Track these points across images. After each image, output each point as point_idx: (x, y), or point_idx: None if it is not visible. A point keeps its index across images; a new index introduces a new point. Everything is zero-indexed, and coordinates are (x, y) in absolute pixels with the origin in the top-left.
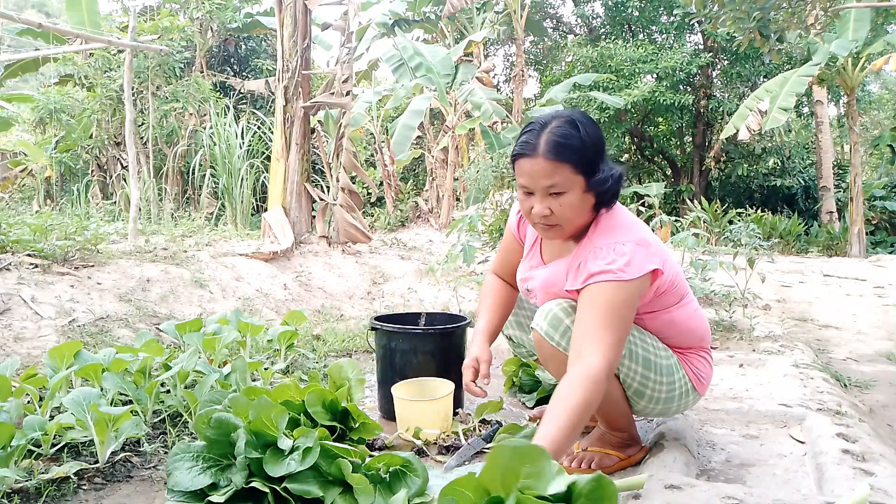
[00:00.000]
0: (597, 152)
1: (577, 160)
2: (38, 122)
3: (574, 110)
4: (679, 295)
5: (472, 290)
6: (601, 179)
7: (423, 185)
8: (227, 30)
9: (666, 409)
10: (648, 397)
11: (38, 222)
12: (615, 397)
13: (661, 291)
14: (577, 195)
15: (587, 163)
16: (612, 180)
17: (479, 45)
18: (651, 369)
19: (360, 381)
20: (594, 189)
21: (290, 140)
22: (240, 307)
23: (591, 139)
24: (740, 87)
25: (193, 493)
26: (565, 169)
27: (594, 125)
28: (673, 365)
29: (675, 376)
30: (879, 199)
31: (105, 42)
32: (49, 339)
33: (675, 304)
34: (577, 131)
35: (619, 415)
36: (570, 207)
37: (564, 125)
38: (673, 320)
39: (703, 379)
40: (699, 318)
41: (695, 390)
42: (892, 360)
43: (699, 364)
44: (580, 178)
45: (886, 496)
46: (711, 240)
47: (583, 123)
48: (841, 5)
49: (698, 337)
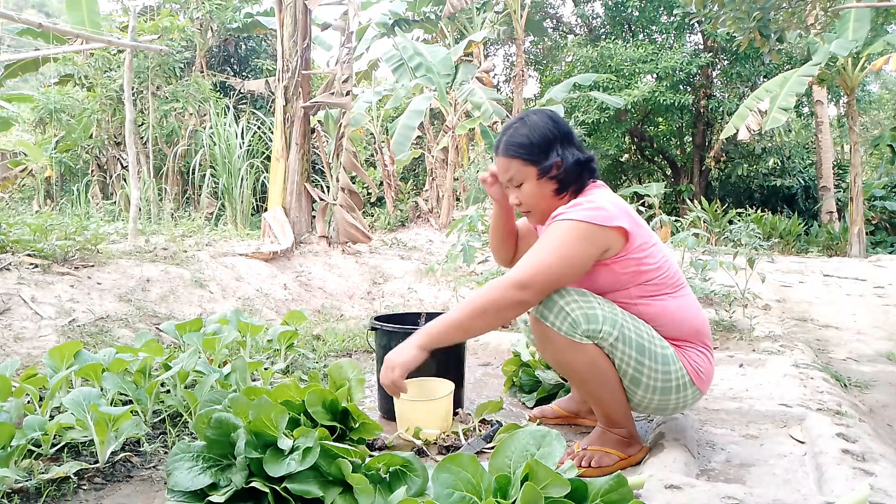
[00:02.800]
0: (545, 143)
1: (524, 153)
2: (38, 122)
3: (533, 109)
4: (671, 283)
5: (472, 290)
6: (548, 166)
7: (423, 185)
8: (227, 30)
9: (664, 402)
10: (645, 385)
11: (38, 222)
12: (610, 381)
13: (642, 267)
14: (533, 183)
15: (534, 154)
16: (567, 165)
17: (479, 45)
18: (645, 355)
19: (360, 380)
20: (546, 176)
21: (290, 140)
22: (240, 307)
23: (539, 133)
24: (740, 87)
25: (193, 493)
26: (516, 162)
27: (547, 119)
28: (669, 355)
29: (671, 367)
30: (879, 199)
31: (105, 42)
32: (49, 339)
33: (667, 292)
34: (525, 128)
35: (616, 404)
36: (530, 195)
37: (516, 124)
38: (666, 307)
39: (703, 374)
40: (695, 311)
41: (693, 385)
42: (892, 360)
43: (697, 358)
44: (532, 169)
45: (886, 496)
46: (711, 240)
47: (531, 120)
48: (841, 5)
49: (694, 329)
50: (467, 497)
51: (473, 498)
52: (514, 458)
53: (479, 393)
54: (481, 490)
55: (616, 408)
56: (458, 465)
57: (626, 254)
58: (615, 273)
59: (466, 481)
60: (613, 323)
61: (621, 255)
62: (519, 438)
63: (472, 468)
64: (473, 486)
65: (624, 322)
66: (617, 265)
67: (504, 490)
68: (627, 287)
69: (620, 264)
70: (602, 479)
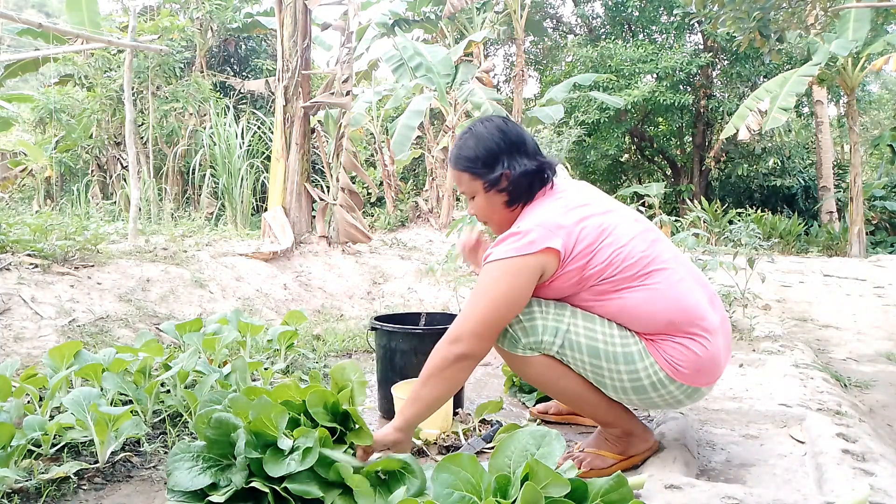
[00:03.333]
0: (490, 156)
1: (470, 167)
2: (38, 122)
3: (485, 117)
4: (632, 275)
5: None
6: (495, 179)
7: (423, 185)
8: (227, 30)
9: (647, 400)
10: (612, 387)
11: (38, 222)
12: (574, 387)
13: (587, 272)
14: (483, 197)
15: (480, 168)
16: (514, 177)
17: (479, 45)
18: (601, 357)
19: (362, 383)
20: (494, 189)
21: (290, 140)
22: (240, 307)
23: (484, 145)
24: (740, 87)
25: (193, 493)
26: (465, 176)
27: (494, 130)
28: (635, 352)
29: (636, 364)
30: (879, 199)
31: (105, 42)
32: (49, 339)
33: (626, 286)
34: (472, 139)
35: (594, 406)
36: (481, 209)
37: (465, 135)
38: (625, 305)
39: (682, 367)
40: (669, 300)
41: (673, 380)
42: (892, 360)
43: (673, 351)
44: (479, 182)
45: (886, 496)
46: (711, 240)
47: (478, 131)
48: (841, 5)
49: (667, 320)
50: (467, 497)
51: (473, 498)
52: (514, 457)
53: (479, 393)
54: (481, 490)
55: (596, 410)
56: (457, 465)
57: (564, 269)
58: (556, 289)
59: (466, 481)
60: (555, 332)
61: (558, 273)
62: (519, 438)
63: (472, 468)
64: (473, 485)
65: (570, 327)
66: (556, 282)
67: (504, 490)
68: (578, 292)
69: (560, 280)
70: (602, 479)
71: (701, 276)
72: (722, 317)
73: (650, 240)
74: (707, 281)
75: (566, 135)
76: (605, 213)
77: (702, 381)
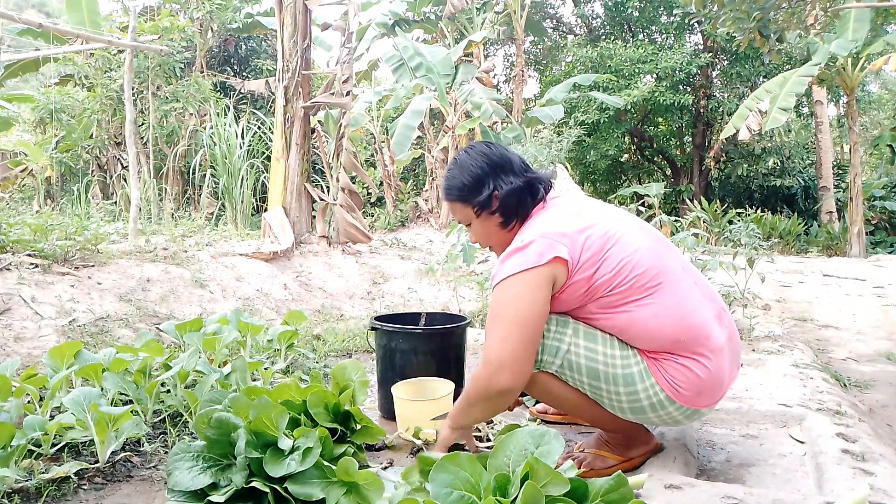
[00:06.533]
0: (476, 182)
1: (458, 196)
2: (39, 122)
3: (468, 145)
4: (641, 286)
5: (472, 290)
6: (483, 201)
7: (423, 185)
8: (227, 30)
9: (645, 419)
10: (610, 406)
11: (38, 222)
12: (575, 401)
13: (595, 282)
14: (477, 222)
15: (467, 194)
16: (503, 197)
17: (479, 46)
18: (600, 379)
19: (363, 383)
20: (486, 212)
21: (290, 140)
22: (240, 307)
23: (468, 172)
24: (740, 87)
25: (193, 493)
26: (457, 205)
27: (477, 155)
28: (636, 373)
29: (636, 386)
30: (879, 199)
31: (105, 42)
32: (49, 339)
33: (634, 299)
34: (457, 169)
35: (595, 417)
36: (479, 234)
37: (451, 166)
38: (633, 319)
39: (682, 389)
40: (676, 316)
41: (673, 401)
42: (892, 360)
43: (674, 372)
44: (470, 208)
45: (886, 496)
46: (711, 240)
47: (462, 160)
48: (841, 5)
49: (672, 338)
50: (466, 496)
51: (473, 497)
52: (514, 457)
53: None
54: (480, 489)
55: (598, 420)
56: (456, 465)
57: (572, 279)
58: (564, 301)
59: (465, 480)
60: (556, 351)
61: (567, 284)
62: (518, 437)
63: (471, 467)
64: (472, 485)
65: (571, 347)
66: (564, 293)
67: (503, 489)
68: (585, 304)
69: (567, 292)
70: (603, 479)
71: (710, 289)
72: (730, 333)
73: (657, 249)
74: (717, 294)
75: (566, 135)
76: (608, 221)
77: (702, 403)
